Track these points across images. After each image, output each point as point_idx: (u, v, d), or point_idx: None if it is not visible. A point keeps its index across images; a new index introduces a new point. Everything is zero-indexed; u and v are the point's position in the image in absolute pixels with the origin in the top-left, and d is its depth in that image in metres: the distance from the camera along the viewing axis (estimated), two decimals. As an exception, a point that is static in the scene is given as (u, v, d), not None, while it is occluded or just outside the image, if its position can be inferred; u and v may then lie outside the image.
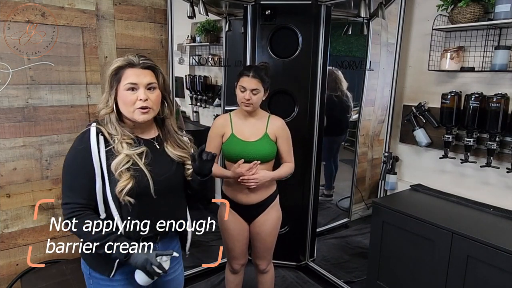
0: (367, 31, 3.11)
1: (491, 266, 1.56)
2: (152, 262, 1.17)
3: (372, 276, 2.11)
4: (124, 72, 1.23)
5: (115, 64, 1.23)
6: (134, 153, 1.23)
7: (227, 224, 1.97)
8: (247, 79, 1.82)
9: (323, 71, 2.58)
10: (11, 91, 1.83)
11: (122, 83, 1.22)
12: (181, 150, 1.37)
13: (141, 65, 1.24)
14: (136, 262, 1.18)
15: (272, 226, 2.00)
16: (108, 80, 1.24)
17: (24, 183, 1.94)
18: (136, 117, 1.24)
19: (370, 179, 3.56)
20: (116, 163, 1.19)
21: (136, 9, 2.14)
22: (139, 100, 1.22)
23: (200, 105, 3.88)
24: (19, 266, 1.99)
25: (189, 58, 3.84)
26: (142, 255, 1.18)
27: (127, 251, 1.17)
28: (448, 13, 1.91)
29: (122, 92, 1.23)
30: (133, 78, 1.22)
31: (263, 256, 2.08)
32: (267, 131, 1.90)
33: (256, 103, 1.85)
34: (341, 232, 3.41)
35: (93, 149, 1.19)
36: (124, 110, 1.25)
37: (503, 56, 1.73)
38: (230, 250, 2.04)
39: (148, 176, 1.23)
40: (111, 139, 1.22)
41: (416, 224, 1.83)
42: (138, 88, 1.22)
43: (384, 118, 2.43)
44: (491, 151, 1.82)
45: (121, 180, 1.18)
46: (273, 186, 1.98)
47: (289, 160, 1.96)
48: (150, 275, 1.18)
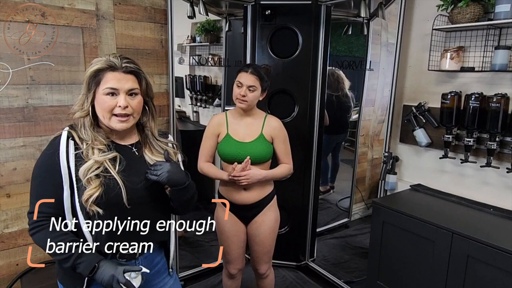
0: (367, 31, 3.11)
1: (491, 266, 1.56)
2: (119, 279, 1.07)
3: (372, 276, 2.11)
4: (104, 75, 1.13)
5: (95, 66, 1.13)
6: (104, 158, 1.13)
7: (223, 225, 1.93)
8: (245, 74, 1.81)
9: (323, 71, 2.58)
10: (11, 91, 1.83)
11: (101, 86, 1.13)
12: (161, 156, 1.25)
13: (123, 69, 1.14)
14: (102, 279, 1.08)
15: (269, 227, 1.95)
16: (86, 82, 1.14)
17: (24, 183, 1.94)
18: (113, 124, 1.15)
19: (370, 179, 3.56)
20: (84, 169, 1.10)
21: (136, 9, 2.14)
22: (118, 107, 1.13)
23: (200, 105, 3.88)
24: (19, 266, 1.98)
25: (189, 58, 3.84)
26: (108, 272, 1.08)
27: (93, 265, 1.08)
28: (448, 13, 1.91)
29: (100, 96, 1.13)
30: (114, 83, 1.12)
31: (262, 260, 2.02)
32: (262, 131, 1.87)
33: (251, 100, 1.82)
34: (341, 232, 3.41)
35: (62, 154, 1.10)
36: (100, 115, 1.15)
37: (503, 56, 1.73)
38: (226, 254, 1.99)
39: (121, 184, 1.12)
40: (81, 144, 1.13)
41: (416, 224, 1.83)
42: (118, 94, 1.13)
43: (384, 118, 2.43)
44: (491, 151, 1.82)
45: (89, 188, 1.09)
46: (269, 186, 1.94)
47: (287, 162, 1.93)
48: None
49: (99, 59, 1.15)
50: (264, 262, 2.04)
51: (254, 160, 1.81)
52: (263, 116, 1.92)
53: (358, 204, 3.58)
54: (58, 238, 1.09)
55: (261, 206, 1.92)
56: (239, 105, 1.83)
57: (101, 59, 1.15)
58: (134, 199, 1.15)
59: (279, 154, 1.91)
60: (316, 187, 2.79)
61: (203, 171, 1.93)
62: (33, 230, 1.11)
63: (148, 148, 1.26)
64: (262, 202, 1.91)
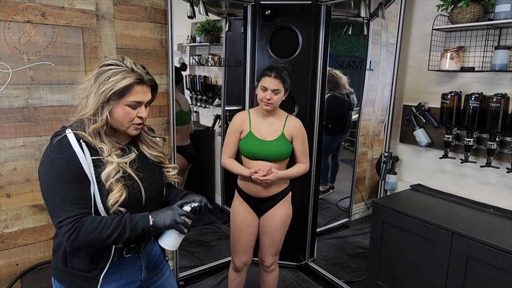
0: (367, 31, 3.11)
1: (491, 266, 1.56)
2: (180, 212, 1.12)
3: (372, 276, 2.11)
4: (132, 88, 1.12)
5: (127, 81, 1.10)
6: (124, 161, 1.16)
7: (238, 214, 2.03)
8: (269, 79, 1.86)
9: (323, 71, 2.58)
10: (11, 91, 1.83)
11: (126, 98, 1.12)
12: (156, 149, 1.31)
13: (148, 82, 1.16)
14: (164, 221, 1.12)
15: (281, 221, 2.03)
16: (107, 94, 1.10)
17: (24, 183, 1.94)
18: (130, 131, 1.19)
19: (370, 179, 3.57)
20: (107, 173, 1.11)
21: (136, 9, 2.14)
22: (138, 117, 1.16)
23: (200, 105, 3.88)
24: (19, 266, 1.99)
25: (189, 58, 3.84)
26: (166, 213, 1.13)
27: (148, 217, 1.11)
28: (448, 13, 1.91)
29: (122, 106, 1.13)
30: (141, 96, 1.15)
31: (269, 252, 2.09)
32: (284, 131, 1.95)
33: (276, 103, 1.91)
34: (341, 232, 3.41)
35: (79, 155, 1.09)
36: (117, 124, 1.16)
37: (503, 56, 1.73)
38: (235, 243, 2.07)
39: (140, 184, 1.17)
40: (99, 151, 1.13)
41: (416, 224, 1.83)
42: (140, 106, 1.16)
43: (384, 118, 2.43)
44: (491, 151, 1.82)
45: (114, 192, 1.11)
46: (285, 183, 2.03)
47: (303, 161, 2.02)
48: (181, 230, 1.13)
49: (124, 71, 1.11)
50: (271, 254, 2.11)
51: (274, 158, 1.92)
52: (285, 116, 2.01)
53: (358, 204, 3.58)
54: (101, 222, 1.08)
55: (276, 200, 2.00)
56: (266, 108, 1.91)
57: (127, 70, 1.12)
58: (149, 196, 1.21)
59: (297, 153, 2.00)
60: (316, 187, 2.79)
61: (226, 166, 2.02)
62: (74, 233, 1.05)
63: (144, 144, 1.29)
64: (277, 196, 2.00)
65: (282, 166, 1.97)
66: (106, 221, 1.09)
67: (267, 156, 1.91)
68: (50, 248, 2.07)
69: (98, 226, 1.07)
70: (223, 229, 3.43)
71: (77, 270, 1.18)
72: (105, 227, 1.08)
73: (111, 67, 1.12)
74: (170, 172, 1.33)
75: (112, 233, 1.08)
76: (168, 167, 1.33)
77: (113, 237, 1.08)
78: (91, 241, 1.08)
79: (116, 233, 1.08)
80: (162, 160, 1.32)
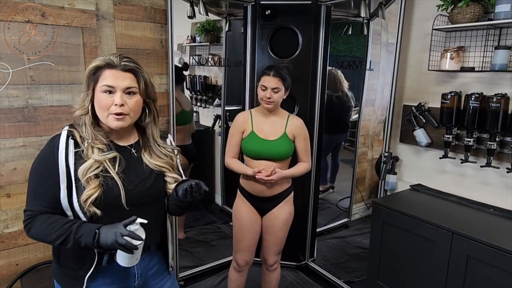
0: (367, 31, 3.11)
1: (491, 266, 1.56)
2: (122, 232, 1.02)
3: (372, 276, 2.11)
4: (102, 72, 1.12)
5: (94, 63, 1.13)
6: (104, 158, 1.12)
7: (241, 213, 2.03)
8: (268, 78, 1.88)
9: (323, 71, 2.59)
10: (11, 91, 1.83)
11: (98, 84, 1.12)
12: (160, 160, 1.24)
13: (121, 66, 1.13)
14: (106, 240, 1.03)
15: (284, 220, 2.04)
16: (86, 79, 1.14)
17: (24, 183, 1.94)
18: (110, 123, 1.13)
19: (370, 179, 3.56)
20: (84, 168, 1.08)
21: (136, 9, 2.14)
22: (114, 105, 1.11)
23: (200, 105, 3.88)
24: (19, 266, 1.99)
25: (189, 58, 3.84)
26: (110, 232, 1.04)
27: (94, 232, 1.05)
28: (448, 13, 1.91)
29: (98, 94, 1.12)
30: (110, 80, 1.11)
31: (272, 251, 2.10)
32: (286, 130, 1.96)
33: (277, 101, 1.91)
34: (341, 232, 3.41)
35: (60, 153, 1.09)
36: (99, 114, 1.14)
37: (503, 56, 1.73)
38: (239, 242, 2.07)
39: (120, 185, 1.12)
40: (82, 143, 1.12)
41: (416, 224, 1.83)
42: (115, 92, 1.12)
43: (384, 118, 2.43)
44: (491, 151, 1.82)
45: (88, 188, 1.07)
46: (287, 182, 2.04)
47: (305, 160, 2.02)
48: (127, 250, 1.03)
49: (98, 58, 1.15)
50: (274, 253, 2.11)
51: (277, 157, 1.92)
52: (286, 115, 2.02)
53: (358, 204, 3.58)
54: (52, 223, 1.08)
55: (278, 200, 2.01)
56: (267, 106, 1.92)
57: (100, 57, 1.15)
58: (132, 201, 1.15)
59: (299, 152, 2.01)
60: (316, 187, 2.79)
61: (229, 166, 2.02)
62: (28, 226, 1.11)
63: (148, 152, 1.24)
64: (279, 196, 2.00)
65: (284, 165, 1.98)
66: (56, 225, 1.07)
67: (270, 156, 1.92)
68: (50, 248, 2.06)
69: (47, 228, 1.08)
70: (223, 229, 3.43)
71: (66, 267, 1.19)
72: (52, 231, 1.07)
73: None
74: (171, 184, 1.25)
75: (57, 238, 1.07)
76: (171, 177, 1.26)
77: (58, 242, 1.07)
78: (40, 239, 1.11)
79: (60, 240, 1.07)
80: (164, 172, 1.26)
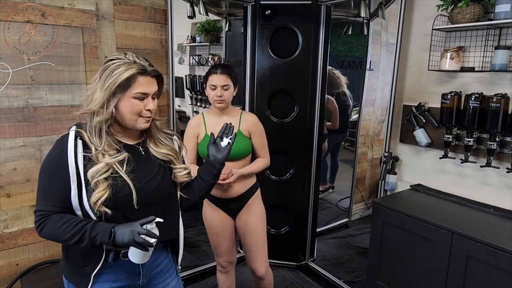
0: (367, 31, 3.11)
1: (491, 266, 1.56)
2: (139, 231, 1.05)
3: (372, 276, 2.11)
4: (135, 79, 1.12)
5: (130, 72, 1.10)
6: (115, 161, 1.13)
7: (211, 219, 1.99)
8: (216, 76, 1.85)
9: (323, 71, 2.58)
10: (11, 91, 1.83)
11: (131, 90, 1.12)
12: (165, 147, 1.27)
13: (151, 73, 1.16)
14: (122, 239, 1.06)
15: (257, 216, 2.00)
16: (114, 86, 1.10)
17: (24, 183, 1.94)
18: (138, 125, 1.17)
19: (370, 179, 3.56)
20: (94, 171, 1.09)
21: (136, 9, 2.14)
22: (146, 110, 1.16)
23: (200, 105, 3.88)
24: (19, 266, 1.99)
25: (189, 58, 3.84)
26: (126, 230, 1.06)
27: (109, 231, 1.07)
28: (448, 13, 1.91)
29: (128, 99, 1.13)
30: (146, 87, 1.14)
31: (257, 257, 2.01)
32: (240, 128, 1.92)
33: (228, 98, 1.88)
34: (341, 232, 3.41)
35: (70, 153, 1.10)
36: (126, 117, 1.15)
37: (503, 56, 1.73)
38: (217, 247, 2.04)
39: (130, 185, 1.13)
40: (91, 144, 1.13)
41: (416, 224, 1.83)
42: (147, 97, 1.15)
43: (384, 118, 2.43)
44: (491, 151, 1.82)
45: (97, 190, 1.08)
46: (252, 178, 1.99)
47: (263, 155, 1.99)
48: (142, 247, 1.06)
49: (126, 63, 1.12)
50: (260, 261, 2.02)
51: (235, 157, 1.87)
52: (239, 112, 1.98)
53: (358, 204, 3.58)
54: (66, 223, 1.09)
55: (246, 198, 1.97)
56: (218, 106, 1.89)
57: (129, 63, 1.12)
58: (143, 200, 1.16)
59: (256, 148, 1.97)
60: (316, 187, 2.79)
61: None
62: (40, 227, 1.10)
63: (153, 142, 1.26)
64: (246, 194, 1.97)
65: (245, 164, 1.93)
66: (70, 224, 1.08)
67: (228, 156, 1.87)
68: (50, 248, 2.07)
69: (61, 227, 1.08)
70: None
71: (73, 263, 1.20)
72: (66, 230, 1.08)
73: (114, 61, 1.13)
74: (180, 172, 1.29)
75: (71, 237, 1.08)
76: (178, 168, 1.29)
77: (72, 241, 1.08)
78: (53, 238, 1.11)
79: (74, 239, 1.08)
80: (171, 159, 1.27)
